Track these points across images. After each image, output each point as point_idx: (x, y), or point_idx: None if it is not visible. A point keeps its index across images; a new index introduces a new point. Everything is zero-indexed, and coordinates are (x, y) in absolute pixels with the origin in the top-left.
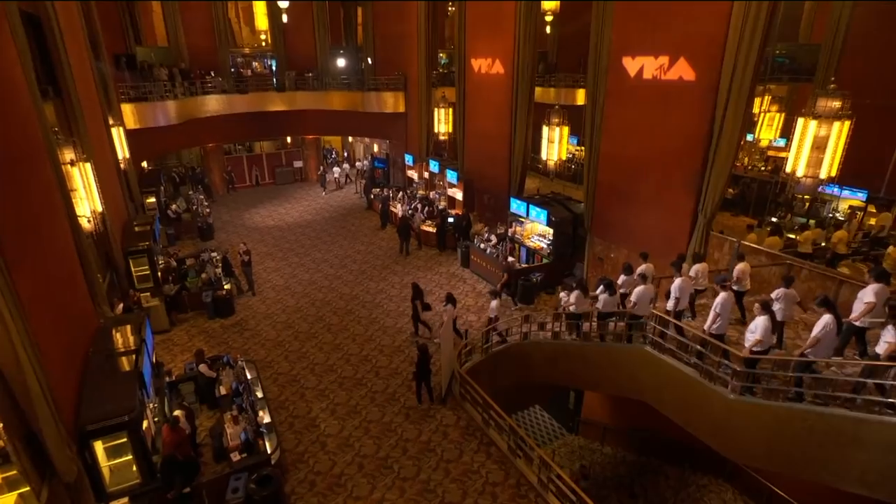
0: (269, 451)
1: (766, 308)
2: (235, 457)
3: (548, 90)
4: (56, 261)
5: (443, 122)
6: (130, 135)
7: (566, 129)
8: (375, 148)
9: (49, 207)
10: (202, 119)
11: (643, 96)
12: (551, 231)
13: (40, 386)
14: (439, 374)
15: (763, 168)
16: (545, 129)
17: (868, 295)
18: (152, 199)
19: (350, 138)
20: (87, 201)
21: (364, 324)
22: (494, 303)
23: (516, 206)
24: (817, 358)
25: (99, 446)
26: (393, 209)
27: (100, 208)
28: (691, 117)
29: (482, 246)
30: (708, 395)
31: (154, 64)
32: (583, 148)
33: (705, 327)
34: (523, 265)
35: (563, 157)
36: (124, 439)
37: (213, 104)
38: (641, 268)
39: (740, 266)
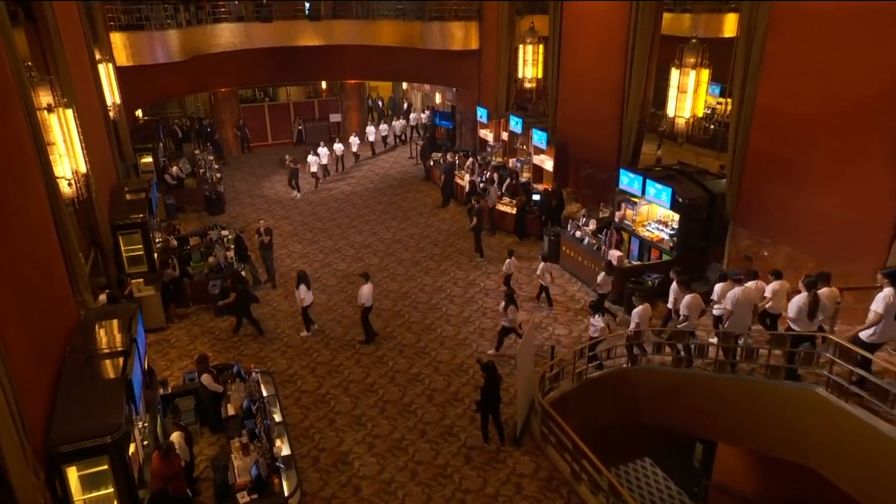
0: (286, 493)
1: (810, 286)
2: (243, 497)
3: (680, 17)
4: (27, 234)
5: (530, 65)
6: (122, 74)
7: (706, 74)
8: (437, 99)
9: (19, 165)
10: (212, 55)
11: (828, 22)
12: (676, 217)
13: (3, 392)
14: (513, 405)
15: None
16: (674, 74)
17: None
18: (148, 159)
19: (404, 85)
20: (67, 159)
21: (416, 331)
22: (598, 320)
23: (628, 180)
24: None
25: (73, 474)
26: (459, 181)
27: (84, 168)
28: None
29: (577, 234)
30: None
31: None
32: (728, 100)
33: None
34: (634, 262)
35: (699, 114)
36: (105, 466)
37: (226, 36)
38: (686, 300)
39: None
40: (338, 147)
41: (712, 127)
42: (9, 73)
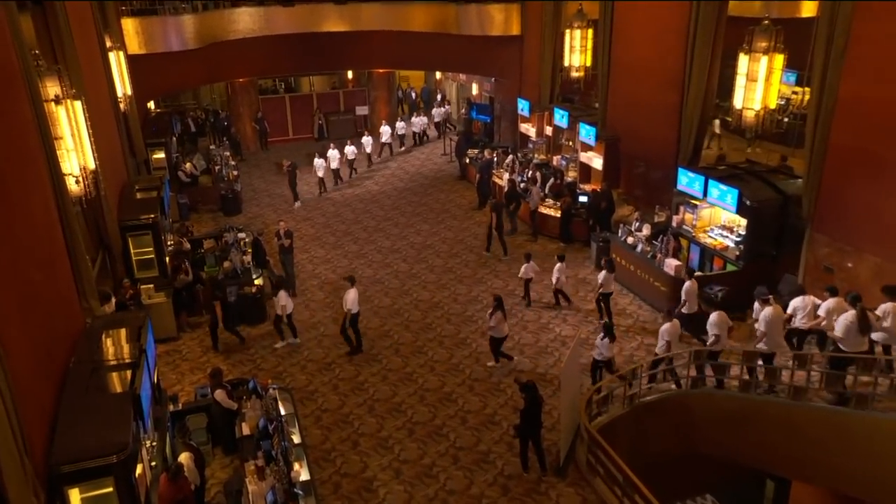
0: None
1: (854, 302)
2: None
3: None
4: (31, 234)
5: (577, 51)
6: (134, 62)
7: (779, 60)
8: (474, 90)
9: (24, 160)
10: (230, 43)
11: None
12: (743, 222)
13: (3, 403)
14: (556, 430)
15: None
16: (742, 60)
17: None
18: (160, 155)
19: (438, 75)
20: (75, 154)
21: (448, 346)
22: (604, 344)
23: (687, 180)
24: None
25: (75, 495)
26: (497, 180)
27: (92, 165)
28: None
29: (629, 240)
30: None
31: None
32: (806, 90)
33: None
34: (695, 273)
35: (771, 106)
36: (110, 489)
37: (245, 21)
38: (712, 318)
39: None
40: (349, 149)
41: (786, 120)
42: (14, 61)
